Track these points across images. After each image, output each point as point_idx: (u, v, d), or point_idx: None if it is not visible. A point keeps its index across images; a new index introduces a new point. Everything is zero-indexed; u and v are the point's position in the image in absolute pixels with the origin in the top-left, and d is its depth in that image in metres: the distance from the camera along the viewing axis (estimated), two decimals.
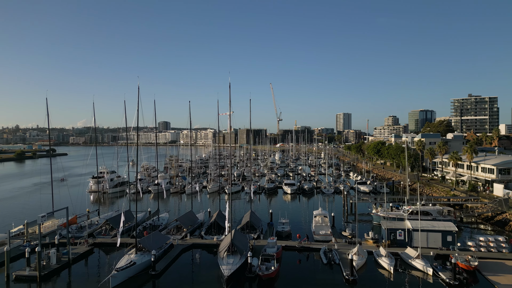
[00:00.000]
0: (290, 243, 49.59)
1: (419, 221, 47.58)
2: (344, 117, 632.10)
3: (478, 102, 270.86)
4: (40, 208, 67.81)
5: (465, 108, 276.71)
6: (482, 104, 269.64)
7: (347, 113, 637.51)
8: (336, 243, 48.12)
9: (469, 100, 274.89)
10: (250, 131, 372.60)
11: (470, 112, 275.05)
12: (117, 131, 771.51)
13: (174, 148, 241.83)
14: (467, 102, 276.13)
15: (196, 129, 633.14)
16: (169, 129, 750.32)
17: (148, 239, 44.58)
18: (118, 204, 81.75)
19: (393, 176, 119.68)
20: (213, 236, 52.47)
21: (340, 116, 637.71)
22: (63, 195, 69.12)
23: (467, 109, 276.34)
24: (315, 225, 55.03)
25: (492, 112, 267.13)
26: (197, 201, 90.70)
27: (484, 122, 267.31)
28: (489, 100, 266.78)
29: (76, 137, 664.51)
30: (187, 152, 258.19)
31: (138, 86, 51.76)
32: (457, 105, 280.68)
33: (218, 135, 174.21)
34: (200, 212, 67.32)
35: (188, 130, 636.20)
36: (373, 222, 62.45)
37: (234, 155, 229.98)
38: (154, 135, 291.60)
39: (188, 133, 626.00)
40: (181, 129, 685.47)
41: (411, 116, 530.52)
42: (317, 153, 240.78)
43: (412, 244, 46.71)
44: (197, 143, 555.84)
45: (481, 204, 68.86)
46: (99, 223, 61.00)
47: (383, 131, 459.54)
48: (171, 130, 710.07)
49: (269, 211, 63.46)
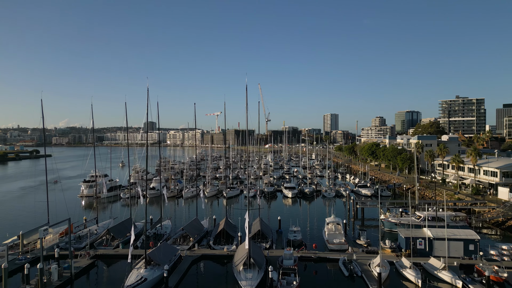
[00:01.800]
0: (305, 253, 47.28)
1: (439, 229, 46.06)
2: (331, 117, 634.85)
3: (466, 103, 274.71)
4: (34, 216, 64.02)
5: (453, 109, 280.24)
6: (469, 105, 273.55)
7: (334, 114, 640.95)
8: (354, 253, 46.08)
9: (457, 101, 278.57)
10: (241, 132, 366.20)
11: (457, 113, 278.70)
12: (102, 131, 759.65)
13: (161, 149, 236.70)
14: (455, 104, 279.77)
15: (183, 129, 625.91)
16: (155, 129, 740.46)
17: (159, 251, 41.69)
18: (115, 211, 77.99)
19: (391, 179, 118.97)
20: (223, 246, 49.83)
21: (328, 117, 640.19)
22: (57, 201, 65.37)
23: (454, 111, 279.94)
24: (328, 233, 52.88)
25: (479, 113, 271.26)
26: (194, 206, 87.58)
27: (472, 123, 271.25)
28: (476, 102, 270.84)
29: (59, 137, 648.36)
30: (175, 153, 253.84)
31: (147, 88, 49.50)
32: (445, 107, 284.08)
33: (225, 136, 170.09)
34: (204, 219, 64.39)
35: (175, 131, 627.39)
36: (384, 229, 60.77)
37: (227, 157, 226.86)
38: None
39: (175, 133, 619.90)
40: (168, 129, 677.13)
41: (398, 117, 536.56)
42: (308, 154, 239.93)
43: (433, 253, 45.05)
44: (184, 143, 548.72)
45: (488, 208, 68.04)
46: (98, 232, 57.52)
47: (371, 132, 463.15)
48: (157, 130, 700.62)
49: (278, 218, 61.04)
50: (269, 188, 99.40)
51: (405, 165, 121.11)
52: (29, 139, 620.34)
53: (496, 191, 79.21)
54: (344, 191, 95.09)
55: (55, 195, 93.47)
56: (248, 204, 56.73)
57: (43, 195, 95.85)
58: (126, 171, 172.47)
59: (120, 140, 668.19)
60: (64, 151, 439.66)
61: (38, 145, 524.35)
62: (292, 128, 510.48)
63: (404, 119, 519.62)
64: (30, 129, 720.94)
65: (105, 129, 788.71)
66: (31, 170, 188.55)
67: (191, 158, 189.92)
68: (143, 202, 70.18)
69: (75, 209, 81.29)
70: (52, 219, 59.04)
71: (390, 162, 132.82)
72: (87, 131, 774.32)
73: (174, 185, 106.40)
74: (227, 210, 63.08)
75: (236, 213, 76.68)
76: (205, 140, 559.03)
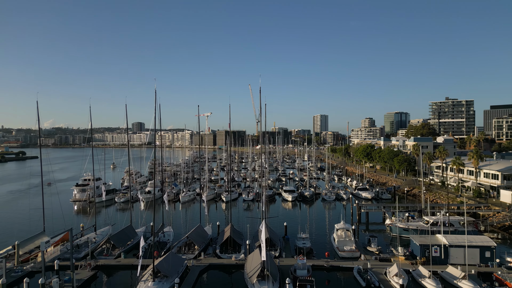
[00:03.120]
0: (317, 261, 45.63)
1: (453, 236, 45.01)
2: (321, 118, 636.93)
3: (455, 105, 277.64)
4: (29, 224, 61.09)
5: (442, 111, 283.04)
6: (459, 107, 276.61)
7: (324, 115, 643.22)
8: (368, 260, 44.59)
9: (447, 103, 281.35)
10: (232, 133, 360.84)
11: (447, 115, 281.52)
12: (88, 132, 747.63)
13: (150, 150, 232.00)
14: (445, 105, 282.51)
15: (172, 130, 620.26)
16: (144, 130, 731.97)
17: (167, 262, 39.51)
18: (112, 216, 75.08)
19: (388, 181, 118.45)
20: (230, 255, 47.83)
21: (317, 118, 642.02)
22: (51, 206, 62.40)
23: (444, 112, 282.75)
24: (338, 240, 51.29)
25: (468, 115, 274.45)
26: (192, 210, 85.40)
27: (461, 125, 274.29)
28: (466, 104, 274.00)
29: (45, 138, 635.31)
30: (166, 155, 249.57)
31: (155, 90, 47.22)
32: (435, 108, 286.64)
33: (230, 137, 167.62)
34: (207, 225, 62.19)
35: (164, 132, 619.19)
36: (391, 234, 59.65)
37: (220, 158, 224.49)
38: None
39: (164, 134, 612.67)
40: (157, 130, 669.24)
41: (387, 118, 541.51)
42: (301, 156, 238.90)
43: (448, 261, 43.92)
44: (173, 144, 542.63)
45: (493, 212, 67.55)
46: (97, 240, 54.86)
47: (361, 133, 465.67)
48: (146, 131, 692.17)
49: (284, 224, 59.22)
50: (268, 192, 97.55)
51: (402, 167, 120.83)
52: (14, 140, 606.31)
53: (498, 193, 79.04)
54: (344, 194, 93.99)
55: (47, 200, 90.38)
56: (262, 213, 52.80)
57: (34, 199, 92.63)
58: (117, 173, 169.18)
59: (108, 141, 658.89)
60: (50, 152, 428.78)
61: (23, 146, 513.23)
62: (282, 129, 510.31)
63: (393, 120, 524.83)
64: (15, 129, 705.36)
65: (92, 130, 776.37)
66: (20, 173, 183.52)
67: (184, 160, 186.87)
68: (143, 207, 67.88)
69: (70, 215, 78.48)
70: (47, 226, 56.39)
71: (386, 164, 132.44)
72: (73, 132, 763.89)
73: (170, 188, 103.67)
74: (230, 216, 60.89)
75: (240, 219, 74.75)
76: (194, 141, 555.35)
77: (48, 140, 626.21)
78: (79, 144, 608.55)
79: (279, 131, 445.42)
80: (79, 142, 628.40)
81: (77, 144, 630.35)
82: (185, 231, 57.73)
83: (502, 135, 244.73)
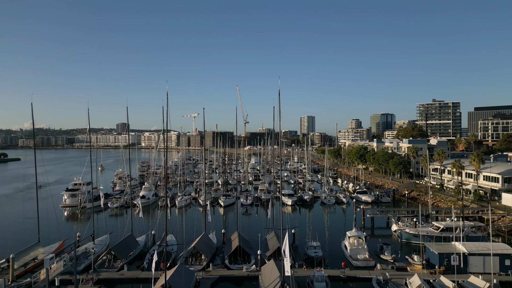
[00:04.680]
0: (332, 272, 43.85)
1: (471, 243, 43.94)
2: (308, 119, 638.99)
3: (442, 107, 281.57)
4: (23, 234, 57.47)
5: (430, 112, 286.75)
6: (445, 109, 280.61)
7: (311, 116, 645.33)
8: (385, 270, 43.07)
9: (434, 105, 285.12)
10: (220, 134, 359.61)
11: (434, 116, 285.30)
12: (72, 133, 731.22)
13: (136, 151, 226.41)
14: (432, 107, 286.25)
15: (157, 131, 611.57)
16: (129, 131, 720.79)
17: (179, 276, 37.07)
18: (108, 224, 71.61)
19: (384, 183, 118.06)
20: (241, 266, 45.56)
21: (304, 119, 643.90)
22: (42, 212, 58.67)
23: (431, 114, 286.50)
24: (350, 248, 49.58)
25: (455, 116, 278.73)
26: (190, 216, 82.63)
27: (448, 126, 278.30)
28: (452, 105, 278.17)
29: (26, 139, 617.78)
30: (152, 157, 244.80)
31: (166, 92, 44.85)
32: (422, 110, 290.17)
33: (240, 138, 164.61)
34: (211, 233, 59.64)
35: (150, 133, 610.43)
36: (401, 240, 58.43)
37: (210, 160, 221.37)
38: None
39: (150, 135, 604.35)
40: (142, 131, 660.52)
41: (373, 119, 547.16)
42: (291, 157, 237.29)
43: (468, 269, 42.78)
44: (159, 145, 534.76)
45: (498, 216, 67.21)
46: (96, 251, 51.67)
47: (347, 134, 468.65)
48: (131, 132, 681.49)
49: (292, 231, 57.29)
50: (267, 195, 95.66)
51: (397, 169, 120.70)
52: None
53: (498, 196, 79.09)
54: (344, 198, 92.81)
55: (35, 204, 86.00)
56: (282, 222, 48.87)
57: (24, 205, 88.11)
58: (107, 176, 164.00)
59: (92, 142, 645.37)
60: (31, 154, 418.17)
61: (3, 148, 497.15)
62: (268, 129, 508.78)
63: (379, 121, 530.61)
64: None
65: (75, 131, 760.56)
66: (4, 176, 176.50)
67: (174, 162, 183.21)
68: (140, 213, 64.79)
69: (62, 223, 74.66)
70: (42, 236, 53.16)
71: (381, 166, 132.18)
72: (55, 132, 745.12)
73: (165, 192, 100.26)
74: (237, 223, 58.68)
75: (245, 225, 72.41)
76: (181, 142, 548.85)
77: (29, 141, 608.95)
78: (62, 146, 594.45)
79: (265, 131, 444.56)
80: (62, 143, 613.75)
81: (60, 145, 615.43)
82: (187, 239, 55.19)
83: (488, 137, 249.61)
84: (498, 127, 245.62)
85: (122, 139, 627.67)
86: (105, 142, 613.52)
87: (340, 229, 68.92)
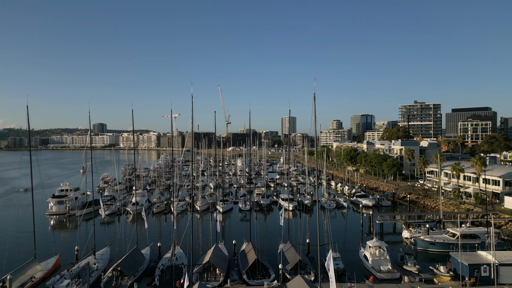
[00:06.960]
0: (361, 286, 41.43)
1: (500, 252, 42.52)
2: (289, 120, 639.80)
3: (424, 108, 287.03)
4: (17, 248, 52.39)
5: (411, 114, 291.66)
6: (427, 110, 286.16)
7: (293, 117, 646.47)
8: (414, 283, 41.05)
9: (415, 106, 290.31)
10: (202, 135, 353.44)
11: (416, 117, 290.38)
12: (46, 133, 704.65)
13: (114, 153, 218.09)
14: (414, 108, 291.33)
15: (135, 131, 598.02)
16: (106, 131, 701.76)
17: None
18: (103, 234, 66.71)
19: (379, 186, 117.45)
20: (261, 281, 42.45)
21: (286, 120, 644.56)
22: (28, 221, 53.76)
23: (413, 115, 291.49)
24: (372, 260, 47.33)
25: (436, 118, 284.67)
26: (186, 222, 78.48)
27: (429, 127, 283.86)
28: (433, 107, 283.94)
29: None
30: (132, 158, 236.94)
31: (191, 94, 41.17)
32: (404, 111, 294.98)
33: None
34: (219, 243, 56.12)
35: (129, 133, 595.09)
36: (417, 248, 56.71)
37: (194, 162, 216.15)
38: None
39: (129, 136, 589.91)
40: (120, 131, 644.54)
41: (353, 120, 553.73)
42: (277, 159, 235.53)
43: (498, 281, 41.31)
44: (138, 146, 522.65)
45: (505, 220, 66.92)
46: (98, 267, 47.37)
47: (329, 135, 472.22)
48: (108, 132, 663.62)
49: (307, 241, 54.64)
50: (265, 200, 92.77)
51: (391, 171, 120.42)
52: None
53: (499, 200, 79.24)
54: (344, 202, 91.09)
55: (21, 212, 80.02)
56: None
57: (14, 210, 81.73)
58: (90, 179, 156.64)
59: (68, 143, 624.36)
60: (4, 156, 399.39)
61: None
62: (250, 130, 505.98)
63: (360, 122, 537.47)
64: None
65: (48, 131, 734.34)
66: None
67: (159, 164, 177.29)
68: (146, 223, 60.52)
69: (54, 233, 69.40)
70: (39, 251, 48.54)
71: (373, 168, 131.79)
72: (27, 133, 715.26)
73: (158, 197, 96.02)
74: (250, 232, 55.52)
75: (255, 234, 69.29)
76: (161, 143, 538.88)
77: (1, 142, 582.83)
78: (36, 147, 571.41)
79: (248, 132, 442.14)
80: (35, 144, 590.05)
81: (33, 146, 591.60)
82: (194, 251, 51.47)
83: (468, 138, 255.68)
84: (478, 128, 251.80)
85: (100, 140, 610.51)
86: (81, 143, 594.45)
87: (349, 236, 66.99)
